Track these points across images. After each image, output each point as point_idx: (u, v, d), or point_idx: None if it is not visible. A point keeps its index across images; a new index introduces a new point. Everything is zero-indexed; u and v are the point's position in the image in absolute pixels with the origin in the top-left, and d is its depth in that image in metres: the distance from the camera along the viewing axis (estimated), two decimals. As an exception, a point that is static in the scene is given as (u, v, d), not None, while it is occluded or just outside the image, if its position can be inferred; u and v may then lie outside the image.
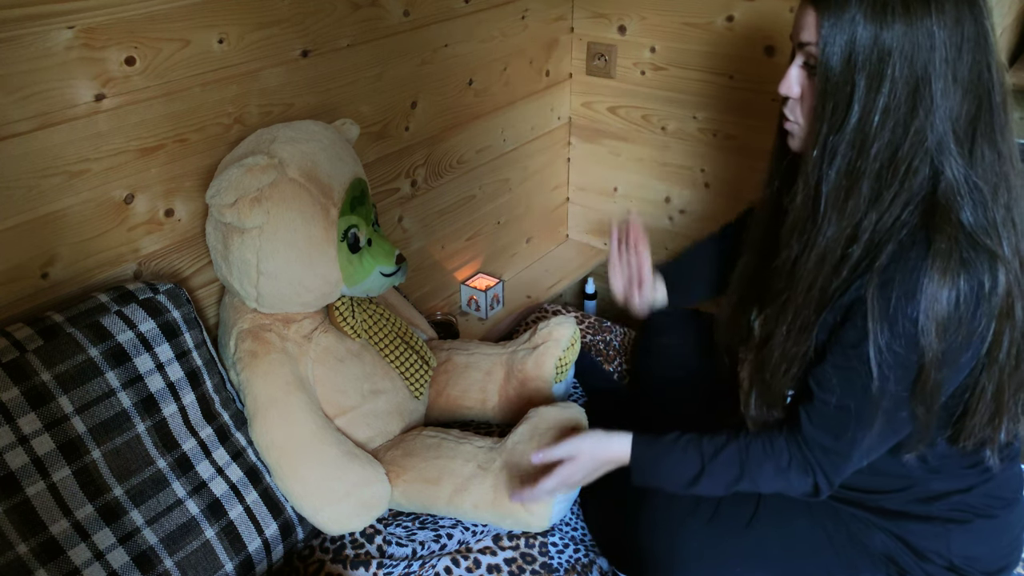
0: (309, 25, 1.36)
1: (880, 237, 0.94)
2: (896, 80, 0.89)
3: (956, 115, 0.90)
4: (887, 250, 0.93)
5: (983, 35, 0.90)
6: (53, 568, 0.97)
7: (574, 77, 2.11)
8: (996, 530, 1.10)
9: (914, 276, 0.90)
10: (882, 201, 0.93)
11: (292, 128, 1.26)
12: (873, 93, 0.90)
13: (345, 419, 1.32)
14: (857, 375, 0.95)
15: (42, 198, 1.09)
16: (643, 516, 1.18)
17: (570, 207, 2.31)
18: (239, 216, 1.15)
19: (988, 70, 0.91)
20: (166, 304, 1.16)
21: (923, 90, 0.89)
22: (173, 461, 1.11)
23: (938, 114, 0.90)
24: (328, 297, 1.28)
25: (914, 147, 0.91)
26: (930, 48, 0.88)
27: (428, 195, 1.78)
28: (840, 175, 0.94)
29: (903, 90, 0.89)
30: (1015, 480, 1.11)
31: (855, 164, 0.93)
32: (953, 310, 0.89)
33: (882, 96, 0.90)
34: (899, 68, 0.89)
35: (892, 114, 0.90)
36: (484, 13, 1.75)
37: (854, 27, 0.89)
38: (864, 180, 0.93)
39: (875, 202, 0.94)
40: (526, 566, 1.21)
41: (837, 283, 0.97)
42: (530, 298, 2.06)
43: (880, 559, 1.11)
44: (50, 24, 1.03)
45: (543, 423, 1.27)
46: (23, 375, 1.00)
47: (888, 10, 0.88)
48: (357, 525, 1.26)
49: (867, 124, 0.91)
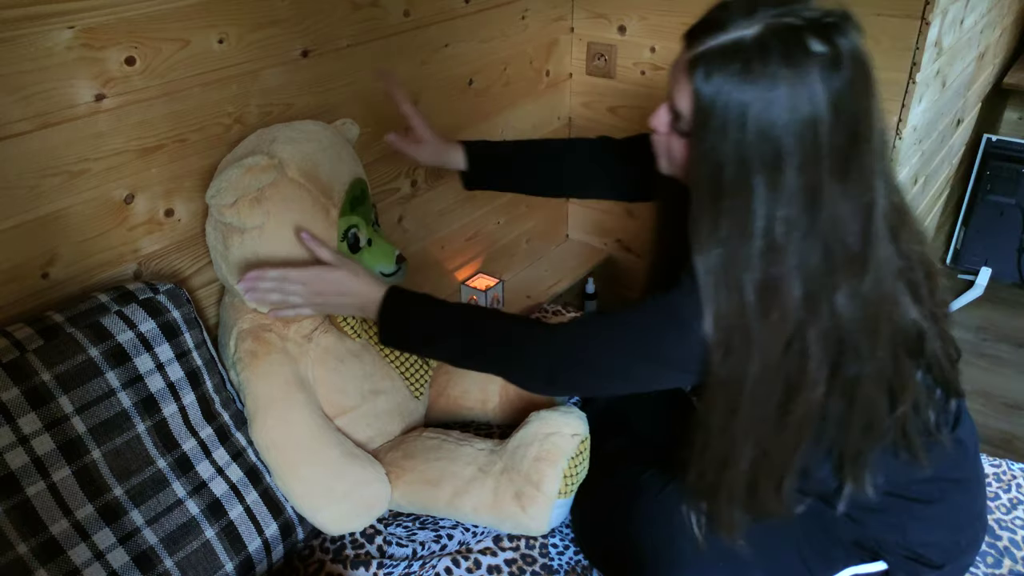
0: (309, 25, 1.36)
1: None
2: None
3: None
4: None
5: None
6: (53, 568, 0.97)
7: (574, 77, 2.11)
8: (949, 513, 1.10)
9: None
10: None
11: (292, 128, 1.26)
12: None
13: (345, 419, 1.32)
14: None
15: (42, 198, 1.09)
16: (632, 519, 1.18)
17: (570, 207, 2.31)
18: (239, 216, 1.15)
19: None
20: (166, 304, 1.16)
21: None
22: (173, 461, 1.11)
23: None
24: (328, 297, 1.28)
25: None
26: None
27: (428, 195, 1.78)
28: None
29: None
30: (964, 459, 1.11)
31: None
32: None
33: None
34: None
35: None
36: (484, 13, 1.75)
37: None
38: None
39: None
40: (526, 567, 1.21)
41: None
42: (530, 298, 2.06)
43: (852, 547, 1.11)
44: (50, 24, 1.03)
45: (545, 427, 1.27)
46: (23, 375, 1.00)
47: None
48: (357, 525, 1.26)
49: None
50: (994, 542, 1.27)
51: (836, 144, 0.86)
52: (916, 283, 0.99)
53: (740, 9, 0.87)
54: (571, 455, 1.24)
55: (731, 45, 0.86)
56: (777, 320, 0.91)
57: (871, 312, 0.93)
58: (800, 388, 0.94)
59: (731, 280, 0.91)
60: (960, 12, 1.80)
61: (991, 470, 1.41)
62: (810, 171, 0.87)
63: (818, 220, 0.88)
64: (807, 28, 0.85)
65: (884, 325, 0.94)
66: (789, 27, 0.85)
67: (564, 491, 1.24)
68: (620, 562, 1.18)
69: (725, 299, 0.92)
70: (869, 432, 0.99)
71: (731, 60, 0.85)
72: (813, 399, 0.94)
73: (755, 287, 0.90)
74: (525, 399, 1.47)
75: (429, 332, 1.14)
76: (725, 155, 0.88)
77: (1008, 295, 2.84)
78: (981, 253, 2.85)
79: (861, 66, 0.87)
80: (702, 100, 0.88)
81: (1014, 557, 1.25)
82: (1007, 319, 2.71)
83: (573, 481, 1.25)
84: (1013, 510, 1.33)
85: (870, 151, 0.89)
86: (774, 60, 0.84)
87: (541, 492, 1.23)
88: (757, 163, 0.87)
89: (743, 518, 1.04)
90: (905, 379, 0.99)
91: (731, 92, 0.85)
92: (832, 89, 0.84)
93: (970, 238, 2.85)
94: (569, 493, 1.25)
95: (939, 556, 1.10)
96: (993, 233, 2.80)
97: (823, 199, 0.88)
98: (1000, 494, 1.36)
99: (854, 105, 0.86)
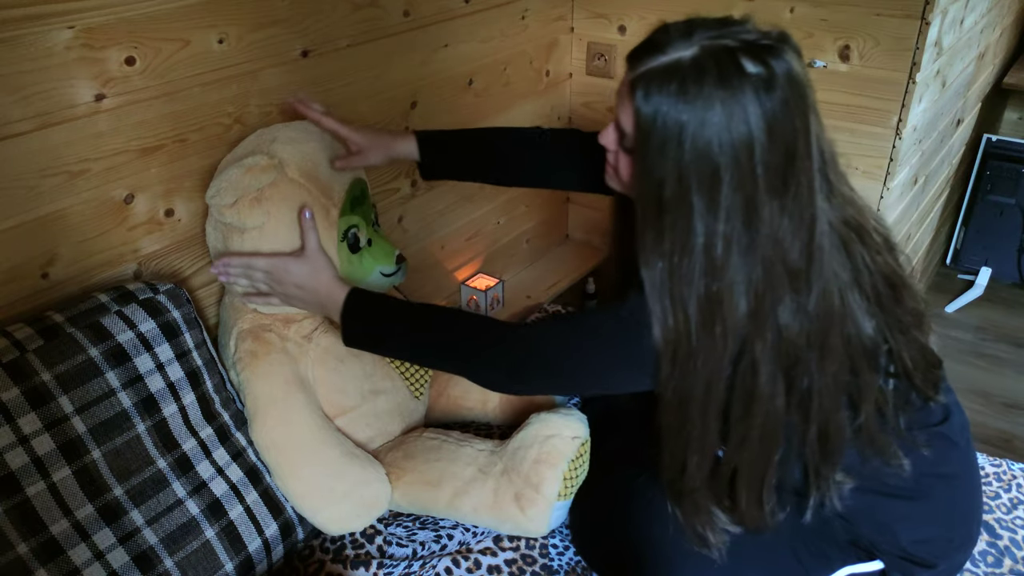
0: (309, 25, 1.36)
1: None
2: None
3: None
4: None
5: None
6: (53, 568, 0.97)
7: (574, 77, 2.11)
8: (937, 509, 1.10)
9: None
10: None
11: (292, 128, 1.26)
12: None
13: (345, 419, 1.32)
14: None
15: (42, 198, 1.09)
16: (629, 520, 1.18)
17: (570, 207, 2.31)
18: (239, 216, 1.15)
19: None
20: (166, 304, 1.16)
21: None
22: (173, 461, 1.11)
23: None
24: (328, 297, 1.28)
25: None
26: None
27: (428, 195, 1.78)
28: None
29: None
30: (951, 455, 1.11)
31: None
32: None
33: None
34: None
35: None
36: (484, 13, 1.75)
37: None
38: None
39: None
40: (526, 567, 1.21)
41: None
42: (530, 298, 2.06)
43: (847, 546, 1.12)
44: (50, 24, 1.03)
45: (545, 429, 1.27)
46: (23, 375, 1.00)
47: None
48: (357, 525, 1.26)
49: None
50: (994, 541, 1.27)
51: (772, 162, 0.89)
52: (875, 295, 1.01)
53: (679, 32, 0.91)
54: (571, 458, 1.24)
55: (669, 66, 0.89)
56: (721, 334, 0.93)
57: (819, 326, 0.95)
58: (755, 399, 0.96)
59: (675, 294, 0.94)
60: (960, 12, 1.80)
61: (991, 470, 1.41)
62: (747, 189, 0.89)
63: (757, 237, 0.91)
64: (742, 50, 0.88)
65: (834, 338, 0.96)
66: (725, 49, 0.88)
67: (564, 493, 1.24)
68: (618, 563, 1.18)
69: (670, 312, 0.94)
70: (827, 443, 1.00)
71: (669, 81, 0.88)
72: (772, 410, 0.96)
73: (698, 302, 0.93)
74: (525, 399, 1.47)
75: (392, 332, 1.16)
76: (665, 173, 0.90)
77: (1008, 295, 2.84)
78: (981, 253, 2.85)
79: (796, 86, 0.89)
80: (642, 119, 0.91)
81: (1014, 557, 1.25)
82: (1007, 319, 2.71)
83: (573, 483, 1.25)
84: (1013, 510, 1.33)
85: (808, 168, 0.91)
86: (709, 81, 0.87)
87: (541, 494, 1.23)
88: (695, 181, 0.89)
89: (719, 529, 1.05)
90: (866, 390, 1.00)
91: (669, 112, 0.88)
92: (766, 109, 0.87)
93: (970, 238, 2.85)
94: (568, 495, 1.25)
95: (932, 554, 1.10)
96: (993, 233, 2.80)
97: (761, 216, 0.90)
98: (1000, 494, 1.36)
99: (789, 124, 0.89)
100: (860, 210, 1.03)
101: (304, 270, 1.15)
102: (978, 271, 2.84)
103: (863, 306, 0.99)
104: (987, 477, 1.39)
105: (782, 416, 0.97)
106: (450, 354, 1.13)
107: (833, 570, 1.13)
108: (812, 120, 0.91)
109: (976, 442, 2.18)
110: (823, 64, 1.70)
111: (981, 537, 1.28)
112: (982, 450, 1.75)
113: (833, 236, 0.96)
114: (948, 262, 2.94)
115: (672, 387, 0.97)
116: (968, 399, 2.30)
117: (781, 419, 0.97)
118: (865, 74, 1.68)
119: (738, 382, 0.96)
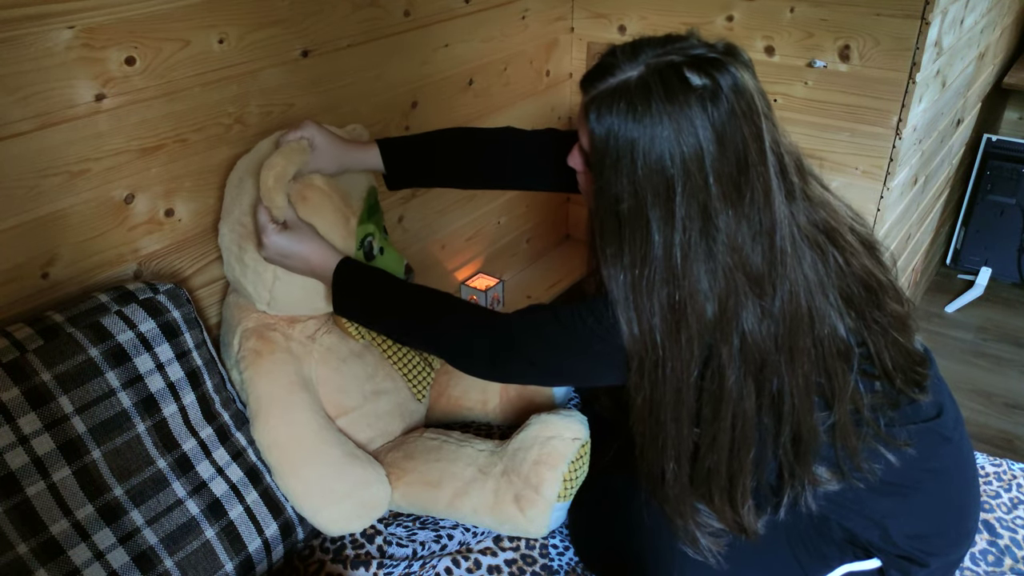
0: (309, 25, 1.36)
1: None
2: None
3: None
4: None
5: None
6: (53, 568, 0.97)
7: (574, 77, 2.11)
8: (927, 504, 1.10)
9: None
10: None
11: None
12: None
13: (346, 419, 1.32)
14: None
15: (42, 198, 1.09)
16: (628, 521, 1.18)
17: (570, 207, 2.31)
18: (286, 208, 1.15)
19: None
20: (166, 304, 1.16)
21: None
22: (173, 461, 1.11)
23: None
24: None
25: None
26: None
27: (428, 195, 1.78)
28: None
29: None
30: (941, 450, 1.11)
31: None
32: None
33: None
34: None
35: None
36: (484, 13, 1.75)
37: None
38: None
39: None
40: (526, 567, 1.21)
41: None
42: (530, 298, 2.06)
43: (845, 544, 1.12)
44: (50, 24, 1.03)
45: (546, 430, 1.27)
46: (23, 375, 1.00)
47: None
48: (357, 526, 1.26)
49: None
50: (995, 540, 1.27)
51: (723, 171, 0.91)
52: (851, 297, 1.01)
53: (625, 53, 0.94)
54: (571, 459, 1.24)
55: (618, 87, 0.92)
56: (687, 342, 0.95)
57: (785, 329, 0.96)
58: (724, 401, 0.97)
59: (639, 305, 0.96)
60: (960, 12, 1.80)
61: (992, 470, 1.41)
62: (700, 198, 0.91)
63: (715, 245, 0.93)
64: (687, 64, 0.90)
65: (803, 341, 0.97)
66: (670, 64, 0.91)
67: (563, 495, 1.24)
68: (617, 564, 1.18)
69: (635, 322, 0.96)
70: (800, 443, 1.01)
71: (618, 101, 0.92)
72: (741, 412, 0.98)
73: (661, 311, 0.95)
74: (525, 399, 1.47)
75: (380, 305, 1.18)
76: (621, 189, 0.93)
77: (1008, 295, 2.84)
78: (981, 253, 2.85)
79: (743, 95, 0.91)
80: (596, 140, 0.94)
81: (1015, 556, 1.25)
82: (1007, 319, 2.71)
83: (573, 485, 1.25)
84: (1014, 510, 1.33)
85: (764, 174, 0.92)
86: (656, 97, 0.89)
87: (540, 496, 1.22)
88: (650, 195, 0.92)
89: (706, 532, 1.06)
90: (840, 391, 1.01)
91: (620, 130, 0.91)
92: (713, 120, 0.89)
93: (970, 238, 2.86)
94: (568, 496, 1.25)
95: (926, 550, 1.10)
96: (993, 233, 2.80)
97: (718, 224, 0.92)
98: (1000, 493, 1.36)
99: (737, 133, 0.91)
100: (835, 211, 1.04)
101: (283, 241, 1.15)
102: (978, 271, 2.84)
103: (836, 307, 1.00)
104: (987, 477, 1.39)
105: (753, 418, 0.99)
106: (431, 336, 1.16)
107: (831, 569, 1.14)
108: (765, 126, 0.93)
109: (977, 442, 2.19)
110: (823, 64, 1.70)
111: (981, 536, 1.28)
112: (983, 450, 1.75)
113: (799, 239, 0.97)
114: (948, 262, 2.95)
115: (643, 396, 0.99)
116: (969, 399, 2.31)
117: (752, 421, 0.99)
118: (865, 74, 1.68)
119: (706, 386, 0.98)
